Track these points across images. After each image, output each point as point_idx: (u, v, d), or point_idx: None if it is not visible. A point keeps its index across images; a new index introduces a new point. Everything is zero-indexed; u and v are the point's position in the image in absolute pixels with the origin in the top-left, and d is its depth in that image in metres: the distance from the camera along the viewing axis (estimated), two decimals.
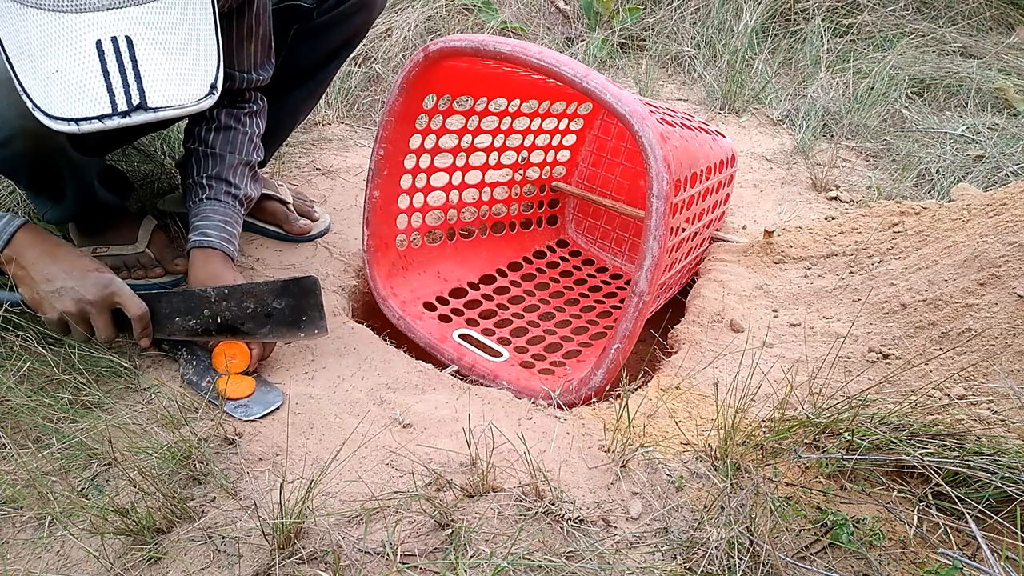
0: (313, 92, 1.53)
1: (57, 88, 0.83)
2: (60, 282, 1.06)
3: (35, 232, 1.08)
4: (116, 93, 0.84)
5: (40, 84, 0.84)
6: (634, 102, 1.11)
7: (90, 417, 1.03)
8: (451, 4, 2.58)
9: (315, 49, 1.43)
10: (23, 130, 1.01)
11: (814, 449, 0.97)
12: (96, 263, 1.11)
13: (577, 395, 1.20)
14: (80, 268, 1.08)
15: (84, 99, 0.83)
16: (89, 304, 1.07)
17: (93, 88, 0.83)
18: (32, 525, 0.92)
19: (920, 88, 2.46)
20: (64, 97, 0.83)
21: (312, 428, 1.08)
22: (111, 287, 1.09)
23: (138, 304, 1.11)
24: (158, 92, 0.86)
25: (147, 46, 0.86)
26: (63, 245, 1.10)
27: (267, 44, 1.28)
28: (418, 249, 1.59)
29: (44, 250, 1.07)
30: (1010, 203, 1.25)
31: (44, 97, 0.84)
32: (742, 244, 1.56)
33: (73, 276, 1.07)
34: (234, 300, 1.14)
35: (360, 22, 1.43)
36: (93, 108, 0.84)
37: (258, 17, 1.22)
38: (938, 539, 0.87)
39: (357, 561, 0.85)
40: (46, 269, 1.06)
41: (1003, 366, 1.02)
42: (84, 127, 0.84)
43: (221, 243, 1.22)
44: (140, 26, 0.85)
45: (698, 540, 0.86)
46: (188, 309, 1.14)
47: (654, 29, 2.71)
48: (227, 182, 1.27)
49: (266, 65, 1.31)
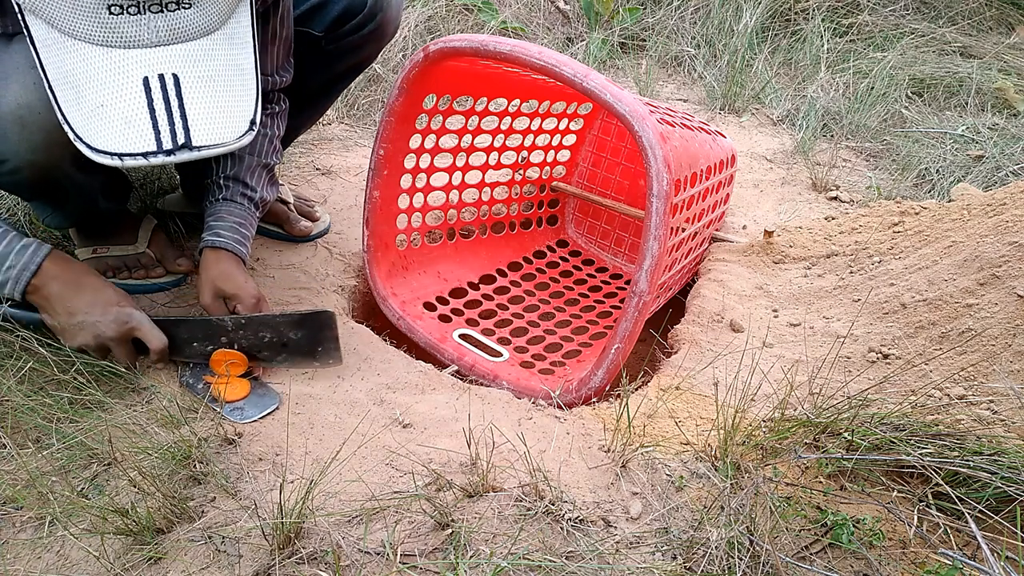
0: (317, 110, 1.53)
1: (102, 122, 0.84)
2: (82, 316, 1.07)
3: (61, 262, 1.08)
4: (162, 131, 0.84)
5: (84, 116, 0.84)
6: (634, 102, 1.11)
7: (90, 417, 1.03)
8: (451, 4, 2.58)
9: (322, 73, 1.42)
10: (31, 163, 1.01)
11: (814, 449, 0.97)
12: (119, 295, 1.11)
13: (577, 395, 1.20)
14: (103, 302, 1.08)
15: (129, 135, 0.84)
16: (108, 340, 1.08)
17: (139, 124, 0.84)
18: (32, 525, 0.92)
19: (920, 88, 2.46)
20: (108, 131, 0.84)
21: (312, 428, 1.08)
22: (131, 322, 1.09)
23: (158, 336, 1.11)
24: (202, 131, 0.86)
25: (193, 84, 0.86)
26: (88, 275, 1.11)
27: (289, 46, 1.28)
28: (418, 249, 1.59)
29: (68, 281, 1.07)
30: (1010, 203, 1.25)
31: (87, 129, 0.84)
32: (742, 244, 1.56)
33: (94, 312, 1.07)
34: (251, 329, 1.15)
35: (370, 51, 1.42)
36: (138, 145, 0.84)
37: (283, 19, 1.22)
38: (938, 539, 0.87)
39: (357, 561, 0.85)
40: (69, 303, 1.07)
41: (1003, 366, 1.02)
42: (128, 163, 0.84)
43: (234, 244, 1.23)
44: (187, 64, 0.86)
45: (698, 540, 0.86)
46: (206, 336, 1.15)
47: (654, 29, 2.71)
48: (244, 183, 1.27)
49: (287, 66, 1.30)
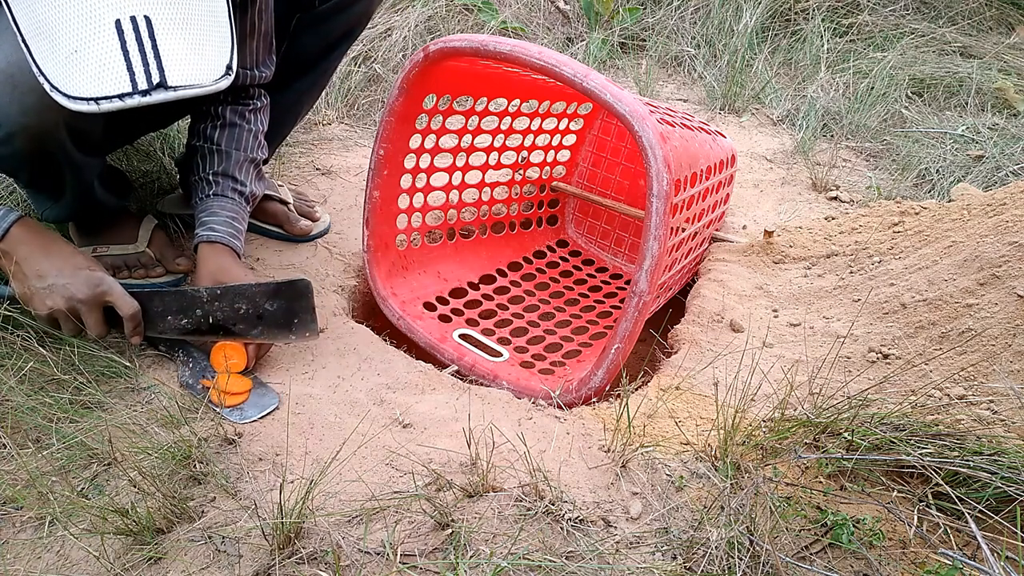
0: (315, 84, 1.53)
1: (76, 68, 0.83)
2: (52, 279, 1.06)
3: (30, 227, 1.08)
4: (136, 72, 0.84)
5: (58, 65, 0.83)
6: (634, 102, 1.11)
7: (90, 417, 1.03)
8: (451, 4, 2.58)
9: (317, 39, 1.43)
10: (24, 127, 1.00)
11: (814, 449, 0.97)
12: (89, 261, 1.10)
13: (577, 395, 1.20)
14: (72, 266, 1.07)
15: (104, 78, 0.83)
16: (79, 302, 1.07)
17: (113, 67, 0.83)
18: (32, 525, 0.92)
19: (920, 88, 2.46)
20: (83, 77, 0.83)
21: (312, 428, 1.08)
22: (102, 286, 1.08)
23: (130, 303, 1.10)
24: (177, 71, 0.86)
25: (165, 25, 0.86)
26: (57, 241, 1.10)
27: (268, 41, 1.29)
28: (418, 249, 1.59)
29: (38, 246, 1.07)
30: (1010, 203, 1.25)
31: (63, 77, 0.83)
32: (742, 244, 1.56)
33: (64, 274, 1.06)
34: (226, 300, 1.14)
35: (361, 10, 1.43)
36: (113, 87, 0.83)
37: (260, 13, 1.23)
38: (938, 539, 0.87)
39: (357, 561, 0.85)
40: (38, 265, 1.06)
41: (1003, 366, 1.02)
42: (104, 106, 0.83)
43: (228, 238, 1.23)
44: (158, 5, 0.85)
45: (698, 540, 0.86)
46: (180, 308, 1.14)
47: (654, 29, 2.71)
48: (233, 179, 1.28)
49: (267, 62, 1.31)
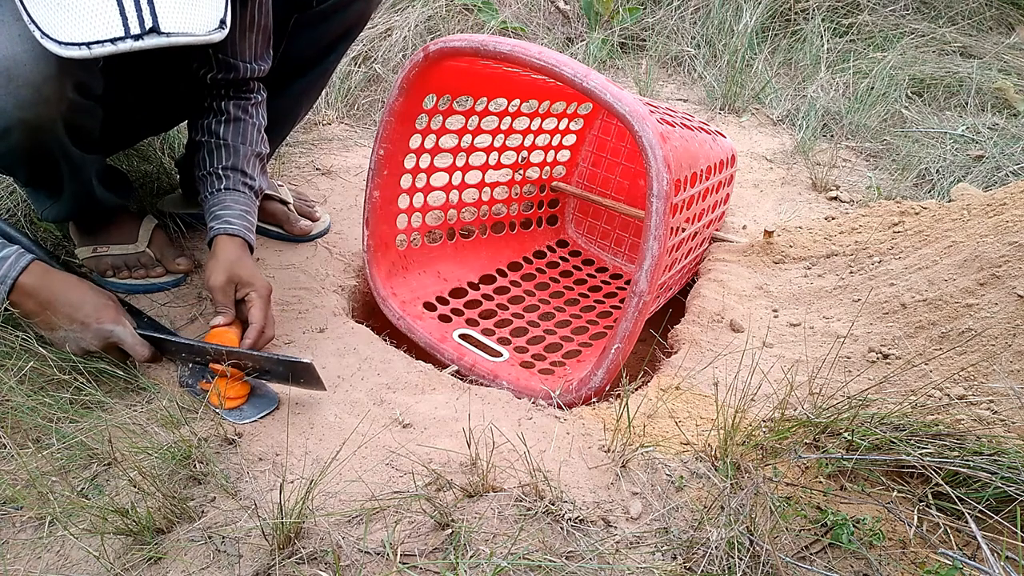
0: (314, 84, 1.52)
1: (67, 13, 0.82)
2: (63, 332, 1.08)
3: (37, 278, 1.07)
4: (129, 16, 0.83)
5: (49, 10, 0.82)
6: (634, 102, 1.11)
7: (90, 417, 1.03)
8: (451, 4, 2.58)
9: (315, 39, 1.43)
10: (21, 122, 0.99)
11: (814, 449, 0.97)
12: (98, 309, 1.09)
13: (577, 395, 1.20)
14: (80, 319, 1.08)
15: (95, 23, 0.82)
16: (95, 351, 1.09)
17: (105, 11, 0.82)
18: (32, 525, 0.92)
19: (920, 88, 2.46)
20: (75, 21, 0.82)
21: (312, 428, 1.08)
22: (112, 338, 1.10)
23: (141, 352, 1.11)
24: (170, 17, 0.85)
25: None
26: (65, 290, 1.09)
27: (267, 35, 1.29)
28: (418, 249, 1.59)
29: (43, 301, 1.07)
30: (1010, 203, 1.25)
31: (53, 23, 0.82)
32: (742, 244, 1.56)
33: (74, 328, 1.08)
34: (233, 359, 1.13)
35: (359, 10, 1.43)
36: (105, 31, 0.82)
37: (261, 7, 1.23)
38: (938, 539, 0.87)
39: (357, 561, 0.85)
40: (47, 320, 1.07)
41: (1003, 366, 1.02)
42: (96, 50, 0.82)
43: (244, 232, 1.23)
44: None
45: (698, 540, 0.86)
46: (190, 356, 1.15)
47: (654, 29, 2.71)
48: (243, 172, 1.28)
49: (265, 56, 1.31)
